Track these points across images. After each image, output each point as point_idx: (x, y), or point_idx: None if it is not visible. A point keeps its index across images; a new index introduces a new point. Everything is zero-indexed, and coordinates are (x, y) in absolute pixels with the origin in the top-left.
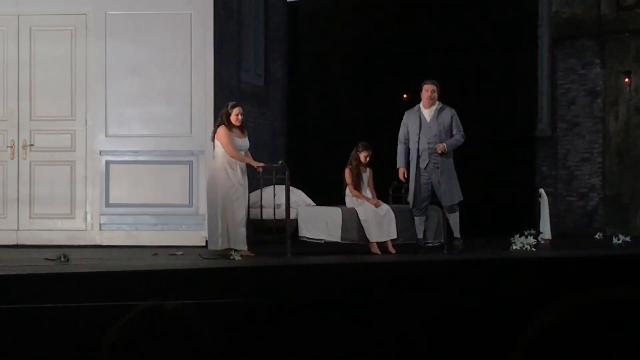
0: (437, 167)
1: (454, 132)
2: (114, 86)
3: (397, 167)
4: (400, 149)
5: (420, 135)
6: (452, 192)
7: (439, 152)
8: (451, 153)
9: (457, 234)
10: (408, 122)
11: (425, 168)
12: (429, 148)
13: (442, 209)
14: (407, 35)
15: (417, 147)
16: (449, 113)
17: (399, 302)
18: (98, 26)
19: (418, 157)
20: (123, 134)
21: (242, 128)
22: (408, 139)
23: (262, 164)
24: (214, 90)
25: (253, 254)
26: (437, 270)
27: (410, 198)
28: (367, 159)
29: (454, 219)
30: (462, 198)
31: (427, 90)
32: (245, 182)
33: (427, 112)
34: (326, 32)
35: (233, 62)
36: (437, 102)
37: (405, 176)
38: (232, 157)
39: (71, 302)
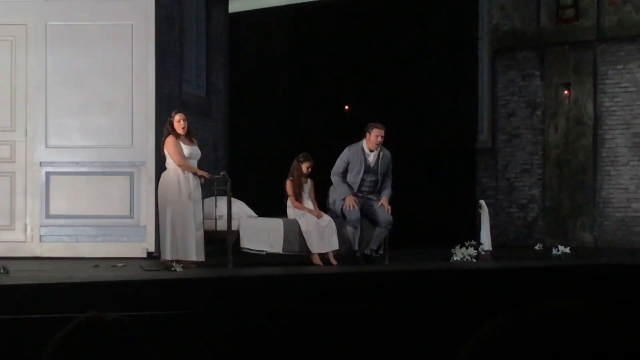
0: (372, 200)
1: (387, 179)
2: (55, 97)
3: (344, 197)
4: (340, 180)
5: (363, 178)
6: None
7: (385, 207)
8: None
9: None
10: (350, 160)
11: (360, 197)
12: (367, 191)
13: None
14: (348, 47)
15: (357, 187)
16: (388, 157)
17: (340, 313)
18: (38, 37)
19: (356, 191)
20: (64, 145)
21: (189, 136)
22: (344, 174)
23: (207, 174)
24: (155, 101)
25: (195, 266)
26: (378, 282)
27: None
28: (309, 169)
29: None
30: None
31: (378, 135)
32: (198, 192)
33: (372, 155)
34: (267, 43)
35: (174, 72)
36: None
37: (354, 202)
38: (180, 166)
39: (11, 315)
